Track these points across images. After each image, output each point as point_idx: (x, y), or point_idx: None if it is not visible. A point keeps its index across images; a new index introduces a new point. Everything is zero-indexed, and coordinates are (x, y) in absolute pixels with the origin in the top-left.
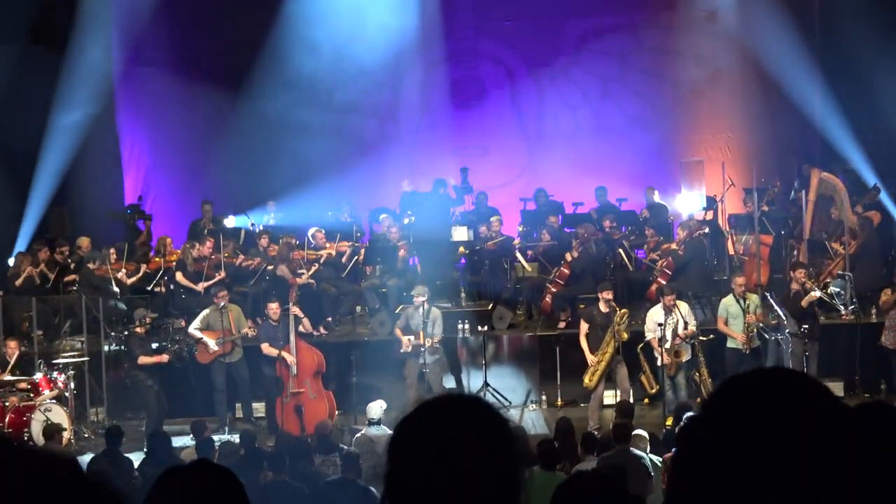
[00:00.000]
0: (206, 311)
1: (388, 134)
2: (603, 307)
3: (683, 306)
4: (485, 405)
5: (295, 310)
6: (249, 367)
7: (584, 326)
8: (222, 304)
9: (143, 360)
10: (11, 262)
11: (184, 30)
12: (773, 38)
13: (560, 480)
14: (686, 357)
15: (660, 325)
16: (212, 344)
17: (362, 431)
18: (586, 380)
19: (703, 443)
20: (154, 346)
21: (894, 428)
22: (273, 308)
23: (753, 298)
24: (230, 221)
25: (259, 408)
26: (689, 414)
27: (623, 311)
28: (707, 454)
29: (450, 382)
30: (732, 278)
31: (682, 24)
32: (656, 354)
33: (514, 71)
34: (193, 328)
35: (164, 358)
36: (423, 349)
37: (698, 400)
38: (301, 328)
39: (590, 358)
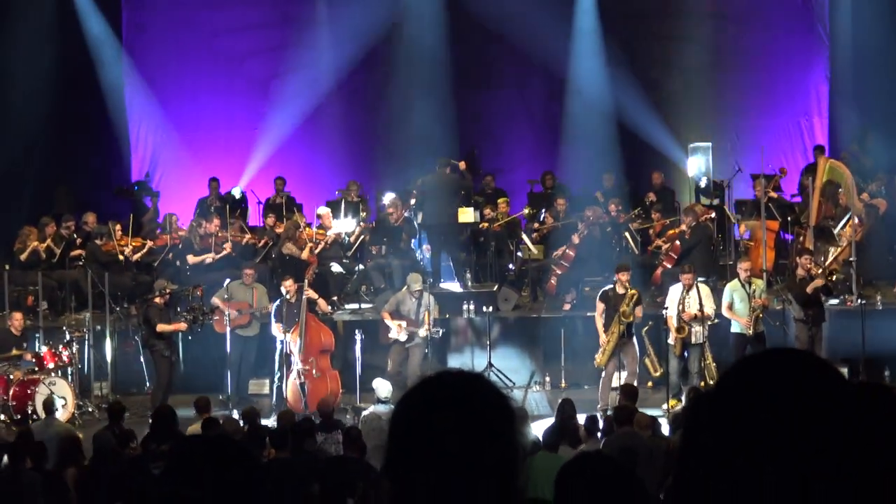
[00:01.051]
0: (232, 283)
1: (391, 113)
2: (619, 288)
3: (704, 288)
4: (486, 382)
5: (310, 292)
6: (264, 343)
7: (599, 306)
8: (249, 281)
9: (161, 327)
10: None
11: (194, 6)
12: (780, 22)
13: (563, 461)
14: (696, 339)
15: (664, 308)
16: (232, 312)
17: (370, 409)
18: (597, 358)
19: (713, 421)
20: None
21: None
22: (287, 285)
23: (759, 283)
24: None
25: (255, 386)
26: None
27: (633, 291)
28: (716, 432)
29: (454, 362)
30: (738, 263)
31: (689, 10)
32: (670, 334)
33: (522, 53)
34: (217, 297)
35: (183, 326)
36: (419, 335)
37: (702, 384)
38: (318, 308)
39: (601, 337)
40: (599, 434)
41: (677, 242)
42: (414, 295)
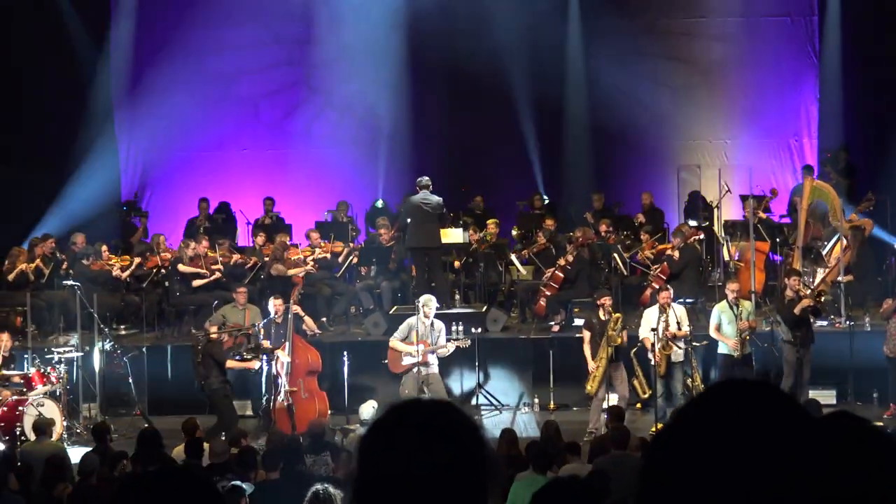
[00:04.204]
0: (226, 308)
1: (384, 134)
2: (602, 314)
3: (680, 308)
4: (454, 409)
5: (297, 308)
6: None
7: (586, 334)
8: (243, 301)
9: (231, 363)
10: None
11: (183, 27)
12: (770, 43)
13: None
14: (678, 357)
15: (653, 329)
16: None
17: (356, 431)
18: (588, 387)
19: (669, 455)
20: None
21: (858, 439)
22: (276, 305)
23: (746, 305)
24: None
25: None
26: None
27: (617, 315)
28: (673, 467)
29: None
30: (726, 284)
31: (679, 29)
32: (649, 356)
33: (511, 72)
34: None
35: (255, 364)
36: (447, 350)
37: None
38: (304, 327)
39: (590, 365)
40: (580, 455)
41: (665, 264)
42: (427, 318)
